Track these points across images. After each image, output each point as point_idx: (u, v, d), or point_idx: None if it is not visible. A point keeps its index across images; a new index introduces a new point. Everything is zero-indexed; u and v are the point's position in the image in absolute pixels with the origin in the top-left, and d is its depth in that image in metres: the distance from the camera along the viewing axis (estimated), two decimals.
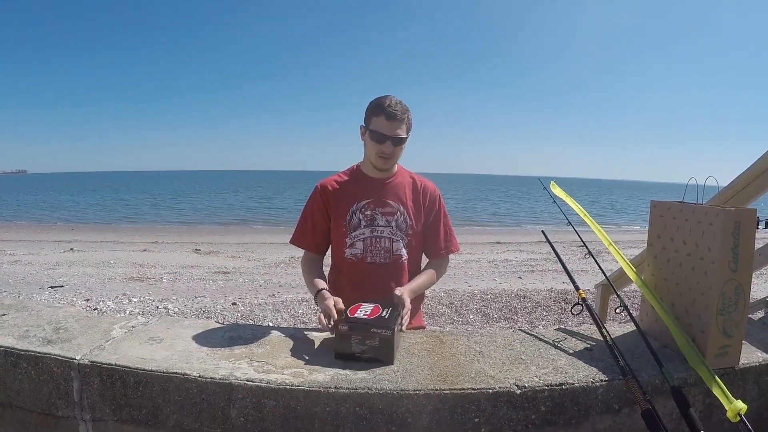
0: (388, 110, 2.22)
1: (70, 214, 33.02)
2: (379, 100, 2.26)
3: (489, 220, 34.66)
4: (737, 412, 1.58)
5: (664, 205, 2.06)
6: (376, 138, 2.26)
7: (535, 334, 2.13)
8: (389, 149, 2.28)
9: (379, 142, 2.27)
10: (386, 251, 2.35)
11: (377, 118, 2.24)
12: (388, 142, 2.26)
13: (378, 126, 2.25)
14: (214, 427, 1.65)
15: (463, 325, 6.90)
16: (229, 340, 1.96)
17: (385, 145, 2.27)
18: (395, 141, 2.28)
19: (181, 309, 7.41)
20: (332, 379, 1.65)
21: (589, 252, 2.33)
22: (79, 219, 29.88)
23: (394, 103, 2.24)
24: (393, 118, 2.23)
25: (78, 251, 13.72)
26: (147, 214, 34.55)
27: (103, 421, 1.75)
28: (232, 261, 12.55)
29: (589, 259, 2.29)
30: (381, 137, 2.25)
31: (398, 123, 2.25)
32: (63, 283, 9.00)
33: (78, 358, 1.75)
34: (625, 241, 16.46)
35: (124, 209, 38.60)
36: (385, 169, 2.40)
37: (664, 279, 2.03)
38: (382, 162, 2.33)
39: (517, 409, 1.64)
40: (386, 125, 2.24)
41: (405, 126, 2.29)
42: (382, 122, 2.24)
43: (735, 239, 1.74)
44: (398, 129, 2.26)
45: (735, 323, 1.80)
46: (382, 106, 2.23)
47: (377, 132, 2.25)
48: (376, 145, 2.28)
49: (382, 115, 2.23)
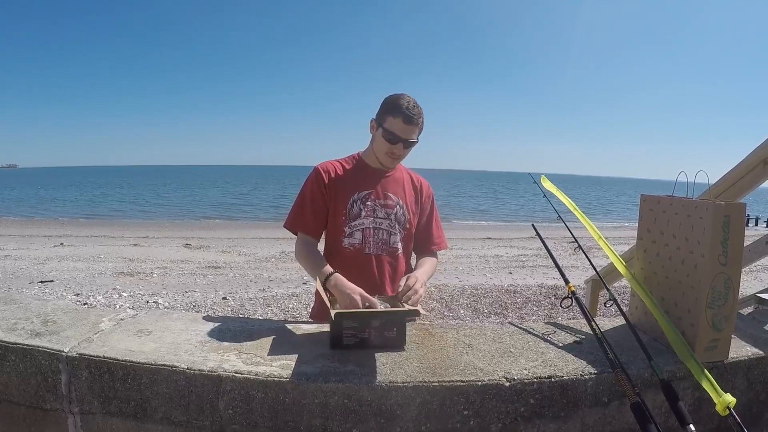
0: (407, 113, 2.20)
1: (61, 209, 32.85)
2: (398, 100, 2.23)
3: (478, 215, 34.72)
4: (726, 406, 1.58)
5: (653, 200, 2.06)
6: (389, 138, 2.25)
7: (524, 327, 2.13)
8: (400, 151, 2.28)
9: (391, 143, 2.26)
10: (384, 243, 2.35)
11: (394, 119, 2.22)
12: (400, 144, 2.26)
13: (393, 126, 2.23)
14: (203, 419, 1.64)
15: (454, 320, 6.90)
16: (218, 332, 1.95)
17: (397, 146, 2.26)
18: (407, 144, 2.27)
19: (171, 303, 7.39)
20: (321, 372, 1.64)
21: (579, 246, 2.33)
22: (70, 214, 29.73)
23: (412, 106, 2.22)
24: (410, 122, 2.22)
25: (68, 246, 13.64)
26: (138, 209, 34.41)
27: (91, 414, 1.74)
28: (223, 256, 12.51)
29: (580, 254, 2.29)
30: (395, 138, 2.24)
31: (414, 127, 2.25)
32: (53, 278, 8.95)
33: (66, 350, 1.74)
34: (614, 237, 16.51)
35: (115, 204, 38.44)
36: (392, 168, 2.40)
37: (654, 273, 2.03)
38: (390, 161, 2.33)
39: (506, 402, 1.64)
40: (402, 127, 2.23)
41: (418, 129, 2.29)
42: (399, 124, 2.22)
43: (725, 233, 1.75)
44: (412, 133, 2.26)
45: (724, 317, 1.81)
46: (400, 108, 2.21)
47: (392, 132, 2.24)
48: (387, 144, 2.27)
49: (400, 116, 2.21)
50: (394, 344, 1.85)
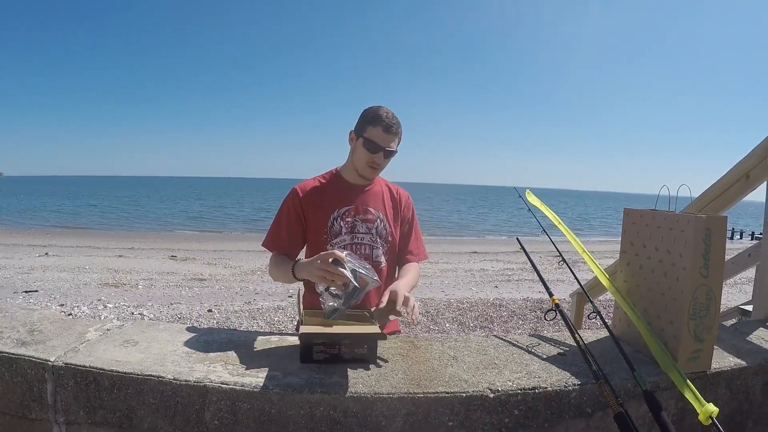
0: (387, 122, 2.23)
1: (46, 219, 32.59)
2: (378, 110, 2.27)
3: (463, 230, 34.73)
4: (709, 415, 1.60)
5: (636, 213, 2.08)
6: (370, 147, 2.26)
7: (509, 339, 2.14)
8: (380, 160, 2.29)
9: (372, 152, 2.27)
10: (366, 258, 2.34)
11: (374, 128, 2.24)
12: (381, 152, 2.27)
13: (374, 136, 2.25)
14: (189, 429, 1.64)
15: (439, 334, 6.91)
16: (204, 343, 1.95)
17: (378, 155, 2.28)
18: (387, 153, 2.29)
19: (156, 315, 7.36)
20: (307, 383, 1.65)
21: (563, 259, 2.35)
22: (55, 223, 29.50)
23: (391, 116, 2.26)
24: (389, 131, 2.25)
25: (53, 256, 13.55)
26: (123, 220, 34.19)
27: (77, 423, 1.73)
28: (209, 268, 12.47)
29: (565, 268, 2.31)
30: (375, 147, 2.26)
31: (393, 136, 2.27)
32: (37, 288, 8.89)
33: (52, 360, 1.73)
34: (599, 251, 16.59)
35: (100, 214, 38.17)
36: (371, 179, 2.41)
37: (637, 285, 2.06)
38: (370, 171, 2.34)
39: (490, 413, 1.64)
40: (383, 136, 2.25)
41: (397, 139, 2.31)
42: (379, 133, 2.24)
43: (706, 245, 1.77)
44: (392, 142, 2.28)
45: (706, 328, 1.83)
46: (380, 118, 2.24)
47: (372, 142, 2.25)
48: (368, 154, 2.28)
49: (379, 126, 2.23)
50: (364, 360, 1.84)
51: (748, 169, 2.66)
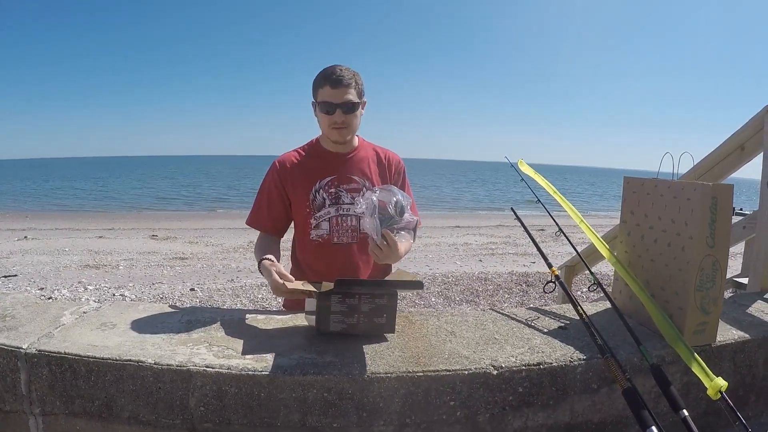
0: (332, 78, 2.10)
1: (25, 201, 32.17)
2: (323, 71, 2.15)
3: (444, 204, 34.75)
4: (718, 390, 1.54)
5: (637, 181, 2.02)
6: (325, 109, 2.15)
7: (506, 313, 2.07)
8: (340, 118, 2.16)
9: (328, 113, 2.15)
10: (353, 230, 2.25)
11: (323, 90, 2.13)
12: (338, 110, 2.14)
13: (325, 96, 2.13)
14: (173, 417, 1.55)
15: (426, 308, 6.87)
16: (187, 324, 1.85)
17: (336, 114, 2.14)
18: (345, 108, 2.15)
19: (138, 296, 7.25)
20: (298, 364, 1.56)
21: (560, 229, 2.28)
22: (34, 206, 29.12)
23: (337, 71, 2.12)
24: (338, 84, 2.11)
25: (32, 239, 13.32)
26: (103, 200, 33.84)
27: (54, 414, 1.62)
28: (190, 246, 12.33)
29: (550, 242, 2.25)
30: (330, 107, 2.13)
31: (345, 88, 2.12)
32: (17, 272, 8.72)
33: (25, 347, 1.62)
34: (594, 224, 16.65)
35: (80, 196, 37.76)
36: (343, 141, 2.27)
37: (639, 256, 1.99)
38: (337, 133, 2.21)
39: (493, 391, 1.58)
40: (333, 93, 2.12)
41: (355, 90, 2.16)
42: (328, 91, 2.12)
43: (712, 214, 1.71)
44: (347, 95, 2.13)
45: (712, 300, 1.77)
46: (326, 76, 2.12)
47: (325, 102, 2.13)
48: (326, 117, 2.16)
49: (326, 84, 2.11)
50: (383, 331, 1.76)
51: (743, 140, 2.62)
